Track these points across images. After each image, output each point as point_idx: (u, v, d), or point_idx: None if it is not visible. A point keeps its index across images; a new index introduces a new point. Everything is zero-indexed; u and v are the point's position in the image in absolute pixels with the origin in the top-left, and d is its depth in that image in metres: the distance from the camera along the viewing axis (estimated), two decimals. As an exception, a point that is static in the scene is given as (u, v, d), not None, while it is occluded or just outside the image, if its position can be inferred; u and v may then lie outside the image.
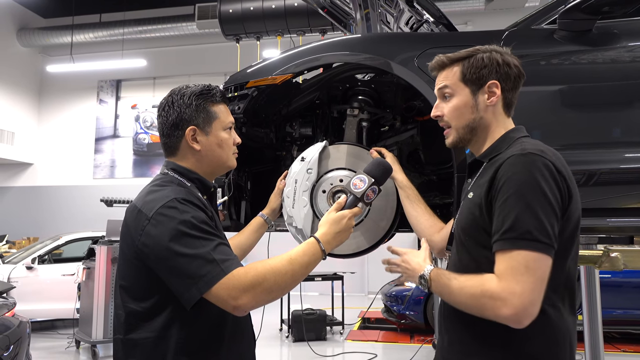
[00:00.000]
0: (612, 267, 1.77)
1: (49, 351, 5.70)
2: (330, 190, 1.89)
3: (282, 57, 2.03)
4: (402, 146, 2.15)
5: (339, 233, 1.33)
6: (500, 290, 1.08)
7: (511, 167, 1.15)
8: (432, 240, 1.63)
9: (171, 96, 1.37)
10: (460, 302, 1.17)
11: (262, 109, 2.09)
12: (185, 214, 1.20)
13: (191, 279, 1.15)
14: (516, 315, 1.07)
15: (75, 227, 8.96)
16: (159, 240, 1.18)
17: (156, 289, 1.22)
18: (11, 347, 3.12)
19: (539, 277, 1.08)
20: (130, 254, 1.26)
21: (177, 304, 1.20)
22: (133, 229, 1.24)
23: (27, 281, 6.21)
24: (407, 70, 1.82)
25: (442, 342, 1.33)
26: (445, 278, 1.20)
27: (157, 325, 1.23)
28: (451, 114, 1.34)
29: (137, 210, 1.26)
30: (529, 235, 1.08)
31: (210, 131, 1.37)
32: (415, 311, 6.00)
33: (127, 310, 1.27)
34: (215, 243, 1.19)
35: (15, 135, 11.58)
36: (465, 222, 1.26)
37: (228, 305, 1.16)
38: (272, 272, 1.19)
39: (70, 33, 10.91)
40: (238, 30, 5.36)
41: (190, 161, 1.37)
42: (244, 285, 1.15)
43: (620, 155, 1.75)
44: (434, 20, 2.44)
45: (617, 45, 1.82)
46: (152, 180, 1.36)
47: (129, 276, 1.28)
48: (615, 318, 5.37)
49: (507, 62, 1.30)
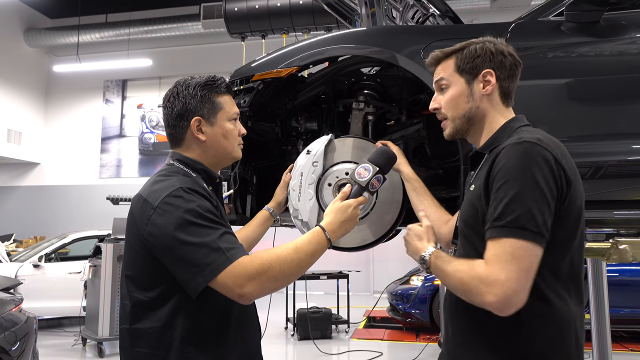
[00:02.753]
0: (621, 260, 1.75)
1: (55, 348, 5.73)
2: (336, 183, 1.89)
3: (287, 50, 2.03)
4: (408, 140, 2.15)
5: (344, 222, 1.33)
6: (485, 276, 1.09)
7: (505, 156, 1.15)
8: (439, 232, 1.62)
9: (176, 87, 1.38)
10: (452, 286, 1.19)
11: (268, 103, 2.09)
12: (191, 202, 1.20)
13: (197, 267, 1.15)
14: (499, 302, 1.07)
15: (81, 226, 9.00)
16: (164, 229, 1.18)
17: (162, 279, 1.23)
18: (18, 342, 3.14)
19: (525, 266, 1.07)
20: (136, 243, 1.26)
21: (183, 294, 1.20)
22: (139, 219, 1.25)
23: (34, 279, 6.25)
24: (414, 63, 1.82)
25: (447, 333, 1.32)
26: (442, 261, 1.21)
27: (163, 314, 1.23)
28: (447, 104, 1.34)
29: (142, 200, 1.26)
30: (516, 223, 1.08)
31: (215, 122, 1.37)
32: (421, 310, 5.98)
33: (133, 300, 1.27)
34: (221, 232, 1.19)
35: (22, 135, 11.65)
36: (466, 215, 1.26)
37: (233, 293, 1.16)
38: (277, 260, 1.19)
39: (77, 33, 10.96)
40: (243, 28, 5.37)
41: (195, 152, 1.37)
42: (250, 273, 1.15)
43: (628, 147, 1.74)
44: (440, 14, 2.43)
45: (625, 37, 1.81)
46: (158, 171, 1.37)
47: (135, 266, 1.28)
48: (623, 317, 5.32)
49: (501, 50, 1.30)
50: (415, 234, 1.32)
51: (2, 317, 3.13)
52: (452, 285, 1.19)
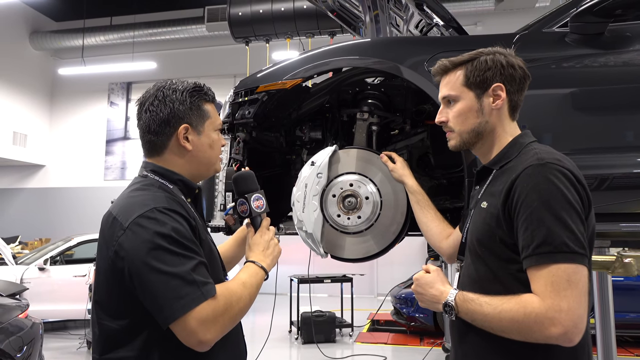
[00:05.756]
0: (626, 273, 1.75)
1: (60, 351, 5.76)
2: (341, 195, 1.89)
3: (291, 62, 2.04)
4: (412, 150, 2.15)
5: (265, 250, 1.32)
6: (545, 310, 1.03)
7: (531, 178, 1.11)
8: (440, 247, 1.61)
9: (160, 90, 1.25)
10: (499, 328, 1.10)
11: (272, 113, 2.09)
12: (165, 226, 1.09)
13: (167, 299, 1.05)
14: (566, 333, 1.03)
15: (86, 229, 9.03)
16: (134, 253, 1.08)
17: (133, 306, 1.11)
18: (24, 347, 3.16)
19: (582, 289, 1.04)
20: (104, 266, 1.15)
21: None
22: (108, 239, 1.14)
23: (39, 282, 6.27)
24: (417, 75, 1.82)
25: (456, 355, 1.28)
26: (475, 304, 1.13)
27: (137, 344, 1.12)
28: (456, 119, 1.31)
29: (112, 218, 1.15)
30: (566, 248, 1.04)
31: (202, 131, 1.28)
32: (425, 313, 5.97)
33: (103, 328, 1.16)
34: (195, 262, 1.10)
35: (27, 138, 11.72)
36: (480, 233, 1.22)
37: (193, 339, 1.06)
38: (236, 297, 1.14)
39: (82, 36, 11.00)
40: (247, 32, 5.38)
41: (174, 162, 1.27)
42: (217, 313, 1.08)
43: (634, 160, 1.73)
44: (444, 24, 2.43)
45: (630, 49, 1.80)
46: (130, 184, 1.27)
47: (104, 291, 1.16)
48: (629, 322, 5.29)
49: (512, 63, 1.27)
50: (425, 282, 1.25)
51: (9, 323, 3.16)
52: (498, 327, 1.10)
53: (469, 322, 1.16)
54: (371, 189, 1.88)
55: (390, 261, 9.83)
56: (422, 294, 1.25)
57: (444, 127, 1.36)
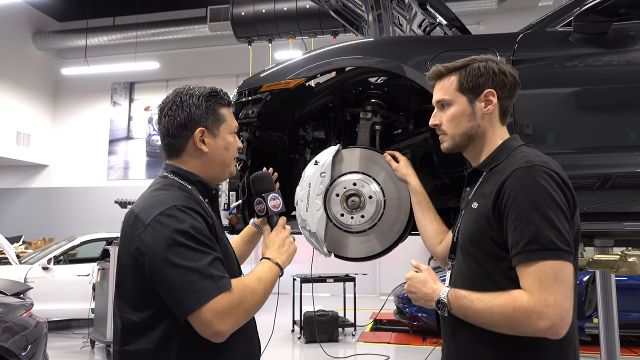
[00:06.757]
0: (630, 272, 1.74)
1: (64, 350, 5.78)
2: (344, 194, 1.89)
3: (295, 62, 2.04)
4: (415, 149, 2.15)
5: (280, 247, 1.37)
6: (534, 304, 1.08)
7: (519, 179, 1.17)
8: (435, 250, 1.64)
9: (178, 96, 1.33)
10: (489, 322, 1.15)
11: (276, 113, 2.10)
12: (184, 223, 1.16)
13: (185, 292, 1.10)
14: (554, 326, 1.08)
15: (89, 228, 9.07)
16: (154, 248, 1.14)
17: (154, 298, 1.17)
18: (29, 346, 3.18)
19: (568, 285, 1.10)
20: (126, 261, 1.22)
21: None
22: (130, 235, 1.21)
23: (43, 281, 6.30)
24: (421, 74, 1.82)
25: (448, 350, 1.32)
26: (467, 300, 1.18)
27: (156, 335, 1.18)
28: (449, 122, 1.36)
29: (134, 216, 1.22)
30: (553, 245, 1.09)
31: (218, 133, 1.34)
32: (428, 313, 5.97)
33: (124, 321, 1.22)
34: (212, 257, 1.16)
35: (30, 138, 11.75)
36: (471, 232, 1.27)
37: (209, 330, 1.11)
38: (250, 291, 1.18)
39: (85, 36, 11.03)
40: (250, 32, 5.39)
41: (193, 164, 1.33)
42: (231, 306, 1.13)
43: (638, 159, 1.73)
44: (447, 23, 2.43)
45: (634, 48, 1.80)
46: (151, 185, 1.33)
47: (127, 284, 1.23)
48: (632, 321, 5.28)
49: (503, 70, 1.33)
50: (418, 281, 1.30)
51: (13, 322, 3.17)
52: (489, 322, 1.15)
53: (461, 318, 1.21)
54: (375, 188, 1.88)
55: (393, 261, 9.77)
56: (415, 293, 1.30)
57: (437, 130, 1.42)
